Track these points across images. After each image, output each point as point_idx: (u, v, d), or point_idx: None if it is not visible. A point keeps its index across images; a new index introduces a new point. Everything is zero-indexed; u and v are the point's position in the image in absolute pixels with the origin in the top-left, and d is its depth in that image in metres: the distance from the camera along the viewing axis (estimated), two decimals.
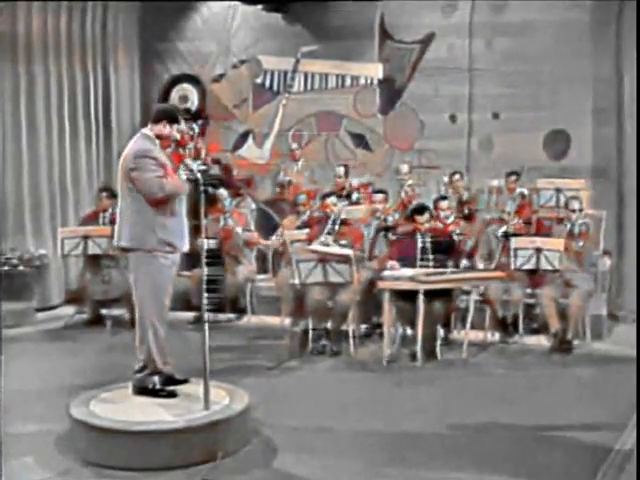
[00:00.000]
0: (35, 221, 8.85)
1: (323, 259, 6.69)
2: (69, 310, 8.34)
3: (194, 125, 9.85)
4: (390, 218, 7.78)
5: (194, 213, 5.04)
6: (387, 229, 7.71)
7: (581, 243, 7.20)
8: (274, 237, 8.21)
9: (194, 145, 9.71)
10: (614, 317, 7.87)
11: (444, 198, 8.12)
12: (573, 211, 7.31)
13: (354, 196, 8.89)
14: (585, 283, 7.10)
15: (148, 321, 4.77)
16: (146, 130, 4.95)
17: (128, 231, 4.78)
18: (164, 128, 4.89)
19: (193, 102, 10.58)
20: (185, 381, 4.98)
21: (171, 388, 4.86)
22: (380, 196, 7.99)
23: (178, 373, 4.97)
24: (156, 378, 4.85)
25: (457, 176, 8.76)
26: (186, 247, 4.89)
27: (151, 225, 4.71)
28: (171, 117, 4.95)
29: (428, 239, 7.08)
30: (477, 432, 4.91)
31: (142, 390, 4.85)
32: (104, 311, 7.93)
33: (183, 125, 9.86)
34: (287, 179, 9.50)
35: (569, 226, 7.28)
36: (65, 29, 9.14)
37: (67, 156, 9.18)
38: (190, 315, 7.72)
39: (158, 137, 4.89)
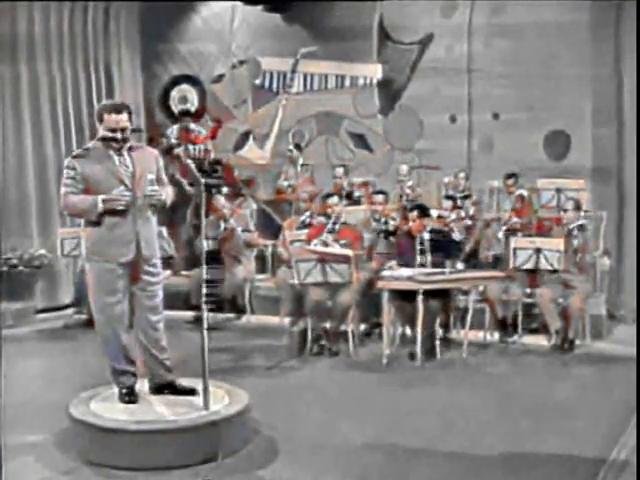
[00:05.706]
0: (42, 221, 8.86)
1: (322, 259, 6.69)
2: (69, 310, 8.35)
3: (191, 126, 9.84)
4: (392, 222, 7.75)
5: (194, 213, 5.01)
6: (388, 233, 7.70)
7: (575, 241, 7.19)
8: (280, 248, 8.03)
9: (185, 146, 9.69)
10: (614, 317, 7.89)
11: (448, 198, 8.12)
12: (565, 211, 7.30)
13: (355, 194, 8.88)
14: (584, 284, 7.10)
15: (97, 323, 4.75)
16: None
17: None
18: (101, 129, 4.54)
19: (193, 103, 10.59)
20: (190, 392, 4.72)
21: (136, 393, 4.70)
22: (380, 197, 7.98)
23: (180, 375, 4.90)
24: (125, 379, 4.71)
25: (462, 174, 8.77)
26: (124, 258, 4.53)
27: (84, 235, 4.75)
28: (98, 115, 4.55)
29: (427, 239, 7.08)
30: (477, 432, 4.91)
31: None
32: None
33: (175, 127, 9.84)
34: (286, 184, 9.48)
35: (565, 227, 7.29)
36: (67, 30, 9.16)
37: None
38: (189, 315, 7.72)
39: (103, 139, 4.54)
